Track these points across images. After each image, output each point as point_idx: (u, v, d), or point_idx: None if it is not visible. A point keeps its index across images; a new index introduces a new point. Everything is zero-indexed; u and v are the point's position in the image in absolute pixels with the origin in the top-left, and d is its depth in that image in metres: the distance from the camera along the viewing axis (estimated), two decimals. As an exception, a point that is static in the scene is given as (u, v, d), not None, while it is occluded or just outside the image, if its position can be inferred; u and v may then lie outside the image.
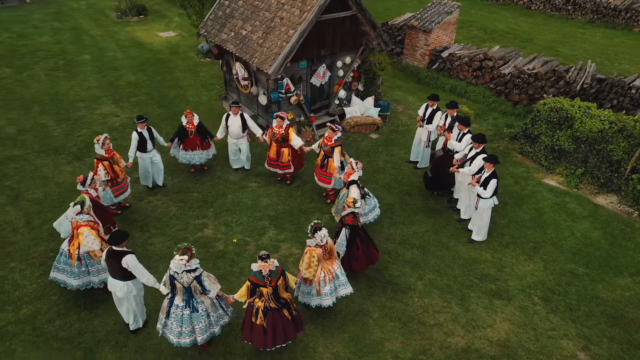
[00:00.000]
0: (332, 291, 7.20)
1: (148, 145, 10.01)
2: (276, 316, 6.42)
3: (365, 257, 7.98)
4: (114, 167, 9.18)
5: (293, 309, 6.68)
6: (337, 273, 7.24)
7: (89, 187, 8.20)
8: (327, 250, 7.07)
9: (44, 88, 15.61)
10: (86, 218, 7.42)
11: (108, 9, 24.69)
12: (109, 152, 9.14)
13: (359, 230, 7.96)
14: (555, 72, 13.72)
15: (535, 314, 7.83)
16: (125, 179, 9.62)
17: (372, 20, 12.19)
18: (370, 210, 9.04)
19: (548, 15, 24.76)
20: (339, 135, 9.59)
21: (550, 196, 10.73)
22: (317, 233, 6.88)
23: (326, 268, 7.11)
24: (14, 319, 7.50)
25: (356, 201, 7.83)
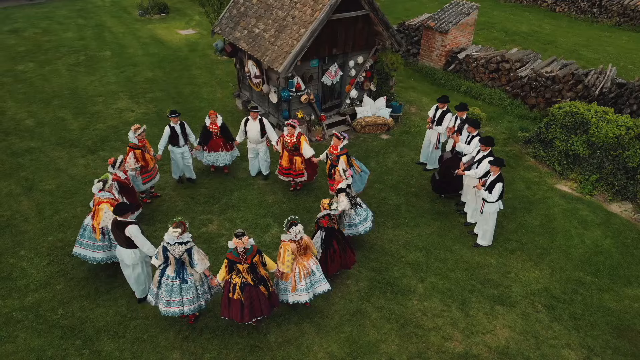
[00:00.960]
0: (309, 287, 7.20)
1: (180, 140, 10.09)
2: (253, 292, 6.69)
3: (340, 259, 7.90)
4: (145, 155, 9.48)
5: (270, 286, 6.94)
6: (313, 269, 7.25)
7: (117, 170, 8.56)
8: (302, 246, 7.11)
9: (65, 82, 16.00)
10: (107, 195, 7.78)
11: (131, 6, 25.15)
12: (141, 141, 9.44)
13: (335, 232, 7.84)
14: (574, 75, 13.37)
15: (538, 321, 7.64)
16: (154, 167, 9.89)
17: (384, 20, 12.10)
18: (361, 221, 8.65)
19: (573, 18, 24.17)
20: (345, 143, 9.27)
21: (562, 202, 10.46)
22: (292, 228, 6.96)
23: (301, 264, 7.15)
24: (19, 306, 7.70)
25: (332, 203, 7.72)
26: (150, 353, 6.99)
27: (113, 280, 8.24)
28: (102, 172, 11.27)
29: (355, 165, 9.45)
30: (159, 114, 14.12)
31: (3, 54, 18.13)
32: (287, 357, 7.00)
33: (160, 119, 13.76)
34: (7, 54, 18.21)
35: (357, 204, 8.61)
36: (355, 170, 9.40)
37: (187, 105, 14.68)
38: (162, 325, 7.43)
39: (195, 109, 14.52)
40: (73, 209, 9.99)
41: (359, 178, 9.51)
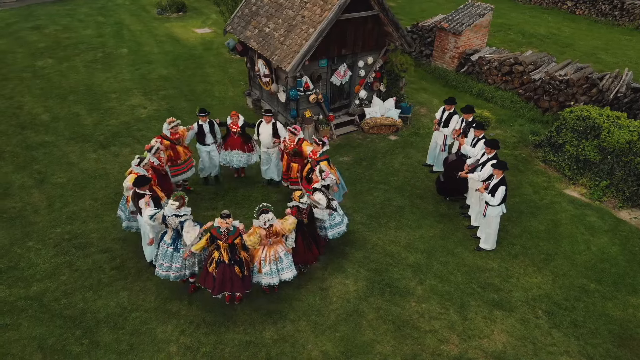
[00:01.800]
0: (274, 272, 7.50)
1: (207, 139, 10.15)
2: (226, 270, 7.18)
3: (302, 254, 7.93)
4: (176, 148, 9.70)
5: (245, 269, 7.33)
6: (281, 256, 7.51)
7: (152, 156, 8.94)
8: (272, 233, 7.34)
9: (81, 79, 16.35)
10: (142, 171, 8.31)
11: (150, 5, 25.54)
12: (174, 134, 9.67)
13: (302, 225, 7.86)
14: (588, 79, 13.12)
15: (537, 327, 7.54)
16: (186, 162, 10.02)
17: (394, 21, 12.06)
18: (331, 226, 8.46)
19: (593, 21, 23.68)
20: (326, 149, 9.12)
21: (570, 208, 10.28)
22: (262, 215, 7.24)
23: (270, 249, 7.45)
24: (24, 295, 7.92)
25: (303, 195, 7.79)
26: (148, 345, 7.12)
27: (116, 272, 8.41)
28: (112, 166, 11.53)
29: (336, 176, 9.11)
30: (170, 111, 14.32)
31: (24, 50, 18.62)
32: (282, 354, 7.04)
33: (171, 116, 13.92)
34: (27, 50, 18.69)
35: (334, 209, 8.44)
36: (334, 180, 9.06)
37: (198, 103, 14.85)
38: (160, 318, 7.56)
39: (206, 106, 14.57)
40: (82, 202, 10.22)
41: (339, 190, 9.33)
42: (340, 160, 11.93)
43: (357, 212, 10.12)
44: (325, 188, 8.34)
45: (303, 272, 8.33)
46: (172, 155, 9.67)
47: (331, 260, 8.78)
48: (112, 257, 8.76)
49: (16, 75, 16.40)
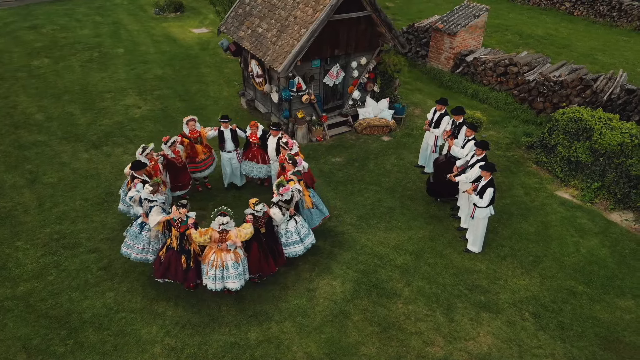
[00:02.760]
0: (219, 278, 7.43)
1: (227, 145, 10.04)
2: (172, 256, 7.50)
3: (257, 263, 7.76)
4: (194, 146, 9.85)
5: (192, 261, 7.49)
6: (228, 264, 7.40)
7: (167, 148, 9.32)
8: (225, 239, 7.30)
9: (76, 78, 16.36)
10: (144, 160, 8.75)
11: (148, 4, 25.55)
12: (193, 132, 9.79)
13: (259, 234, 7.74)
14: (582, 80, 13.08)
15: (523, 329, 7.51)
16: (205, 161, 10.11)
17: (387, 21, 12.04)
18: (286, 244, 8.21)
19: (591, 22, 23.65)
20: (298, 169, 8.69)
21: (561, 210, 10.25)
22: (217, 218, 7.20)
23: (220, 254, 7.40)
24: (11, 295, 7.92)
25: (258, 203, 7.61)
26: (132, 346, 7.11)
27: (103, 273, 8.41)
28: (104, 166, 11.53)
29: (308, 200, 8.69)
30: (164, 111, 14.33)
31: (20, 50, 18.64)
32: (266, 355, 7.03)
33: (164, 116, 13.98)
34: (24, 49, 18.71)
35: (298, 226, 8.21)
36: (303, 204, 8.65)
37: (193, 104, 14.86)
38: (146, 319, 7.55)
39: (200, 107, 14.68)
40: (72, 202, 10.22)
41: (308, 214, 8.76)
42: (333, 160, 11.92)
43: (347, 213, 10.10)
44: (285, 203, 7.99)
45: (257, 282, 8.16)
46: (191, 153, 9.83)
47: (319, 262, 8.76)
48: (99, 257, 8.76)
49: (12, 75, 16.43)
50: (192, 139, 9.80)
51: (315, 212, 8.88)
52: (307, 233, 8.46)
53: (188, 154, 9.85)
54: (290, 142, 9.15)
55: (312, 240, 8.52)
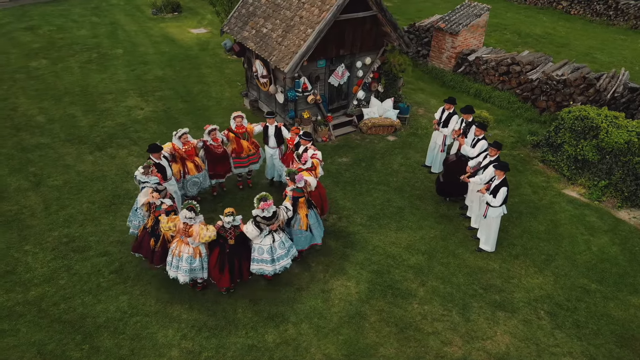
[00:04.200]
0: (175, 266, 7.59)
1: (270, 141, 10.10)
2: (145, 236, 7.97)
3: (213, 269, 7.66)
4: (240, 141, 9.91)
5: (159, 245, 7.83)
6: (183, 256, 7.53)
7: (207, 136, 9.56)
8: (187, 231, 7.38)
9: (76, 80, 16.19)
10: (178, 142, 9.24)
11: (144, 5, 25.35)
12: (239, 128, 9.86)
13: (225, 243, 7.57)
14: (585, 79, 13.17)
15: (540, 328, 7.54)
16: (250, 157, 10.14)
17: (392, 21, 12.04)
18: (256, 259, 7.75)
19: (588, 21, 23.83)
20: (297, 186, 8.21)
21: (570, 208, 10.31)
22: (183, 210, 7.34)
23: (180, 244, 7.57)
24: (22, 300, 7.81)
25: (230, 214, 7.41)
26: (149, 350, 7.04)
27: (115, 276, 8.32)
28: (109, 168, 11.42)
29: (304, 222, 8.25)
30: (166, 112, 14.22)
31: (18, 51, 18.41)
32: (285, 358, 6.99)
33: (167, 117, 13.87)
34: (21, 50, 18.49)
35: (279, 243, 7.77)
36: (299, 223, 8.25)
37: (195, 104, 14.76)
38: (161, 323, 7.48)
39: (203, 107, 14.60)
40: (79, 204, 10.10)
41: (300, 237, 8.29)
42: (339, 161, 11.89)
43: (357, 213, 10.08)
44: (264, 219, 7.55)
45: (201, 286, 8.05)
46: (237, 148, 9.93)
47: (332, 262, 8.73)
48: (110, 260, 8.66)
49: (10, 77, 16.22)
50: (239, 134, 9.85)
51: (306, 235, 8.32)
52: (283, 255, 7.82)
53: (234, 149, 9.94)
54: (305, 156, 8.66)
55: (286, 264, 7.86)
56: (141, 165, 8.29)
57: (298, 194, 8.16)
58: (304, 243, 8.35)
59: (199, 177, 9.66)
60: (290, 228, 8.31)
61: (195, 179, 9.61)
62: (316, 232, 8.51)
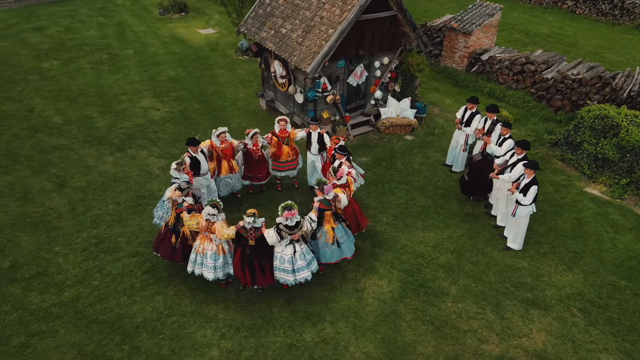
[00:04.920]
0: (199, 264, 7.74)
1: (312, 148, 10.02)
2: (167, 233, 8.08)
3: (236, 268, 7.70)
4: (281, 146, 9.95)
5: (178, 242, 7.97)
6: (207, 253, 7.66)
7: (249, 139, 9.69)
8: (209, 228, 7.52)
9: (90, 81, 16.16)
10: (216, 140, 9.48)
11: (151, 5, 25.31)
12: (282, 131, 9.89)
13: (246, 243, 7.56)
14: (601, 78, 13.27)
15: (574, 325, 7.61)
16: (288, 163, 10.16)
17: (412, 21, 12.10)
18: (277, 268, 7.71)
19: (593, 20, 23.97)
20: (330, 197, 7.97)
21: (592, 206, 10.40)
22: (207, 207, 7.48)
23: (203, 241, 7.69)
24: (57, 301, 7.81)
25: (250, 215, 7.34)
26: (189, 350, 7.06)
27: (148, 277, 8.34)
28: (131, 169, 11.42)
29: (330, 234, 8.05)
30: (182, 113, 14.22)
31: (28, 52, 18.35)
32: (325, 356, 7.03)
33: (184, 118, 13.87)
34: (31, 51, 18.42)
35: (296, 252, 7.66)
36: (326, 236, 8.07)
37: (210, 105, 14.77)
38: (199, 323, 7.50)
39: (219, 108, 14.60)
40: (105, 205, 10.10)
41: (327, 250, 8.11)
42: (360, 160, 11.93)
43: (382, 212, 10.13)
44: (287, 228, 7.47)
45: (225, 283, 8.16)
46: (277, 152, 9.98)
47: (362, 262, 8.77)
48: (141, 261, 8.67)
49: (22, 78, 16.17)
50: (281, 138, 9.85)
51: (333, 249, 8.11)
52: (304, 266, 7.70)
53: (274, 152, 9.97)
54: (342, 171, 8.42)
55: (306, 276, 7.74)
56: (175, 161, 8.43)
57: (325, 206, 7.97)
58: (330, 257, 8.13)
59: (232, 179, 9.78)
60: (316, 241, 8.10)
61: (228, 180, 9.69)
62: (345, 246, 8.23)
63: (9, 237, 9.17)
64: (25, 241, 9.08)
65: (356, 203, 9.02)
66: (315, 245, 8.13)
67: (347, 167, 8.66)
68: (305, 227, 7.73)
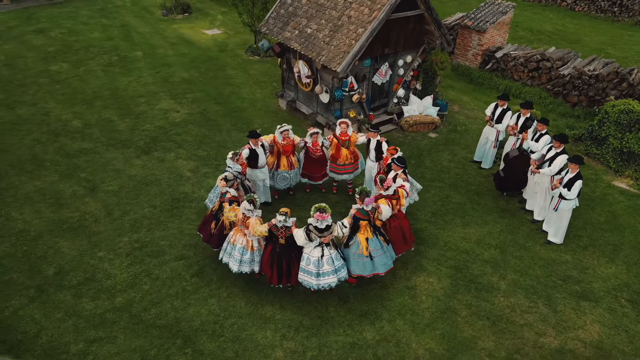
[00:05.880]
0: (228, 253, 7.91)
1: (370, 155, 9.80)
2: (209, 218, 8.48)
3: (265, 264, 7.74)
4: (340, 149, 9.92)
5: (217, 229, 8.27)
6: (237, 245, 7.79)
7: (309, 136, 9.78)
8: (245, 222, 7.65)
9: (103, 83, 15.94)
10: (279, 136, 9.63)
11: (153, 6, 25.02)
12: (343, 134, 9.84)
13: (277, 241, 7.61)
14: (618, 74, 13.54)
15: (625, 316, 7.78)
16: (345, 166, 10.06)
17: (438, 20, 12.20)
18: (303, 269, 7.53)
19: (593, 17, 24.43)
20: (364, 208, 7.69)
21: (623, 199, 10.62)
22: (244, 202, 7.60)
23: (236, 233, 7.88)
24: (111, 307, 7.71)
25: (282, 214, 7.34)
26: (253, 352, 7.04)
27: (198, 280, 8.28)
28: (161, 172, 11.32)
29: (363, 246, 7.72)
30: (203, 114, 14.12)
31: (34, 55, 18.01)
32: (388, 354, 7.07)
33: (205, 119, 13.77)
34: (37, 54, 18.09)
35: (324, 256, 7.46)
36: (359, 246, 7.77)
37: (229, 106, 14.69)
38: (257, 324, 7.48)
39: (238, 109, 14.54)
40: (141, 209, 9.99)
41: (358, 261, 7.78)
42: (389, 159, 11.99)
43: (419, 210, 10.20)
44: (317, 230, 7.31)
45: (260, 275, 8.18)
46: (335, 154, 9.98)
47: (409, 259, 8.83)
48: (188, 264, 8.61)
49: (33, 81, 15.87)
50: (341, 140, 9.81)
51: (365, 261, 7.75)
52: (330, 272, 7.46)
53: (332, 154, 9.99)
54: (389, 181, 8.16)
55: (331, 282, 7.49)
56: (232, 151, 8.92)
57: (362, 215, 7.69)
58: (362, 269, 7.77)
59: (290, 174, 9.89)
60: (348, 250, 7.86)
61: (286, 174, 9.84)
62: (379, 261, 7.81)
63: (49, 244, 9.01)
64: (66, 247, 8.94)
65: (406, 218, 8.61)
66: (347, 254, 7.87)
67: (402, 180, 8.38)
68: (336, 232, 7.57)
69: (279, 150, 9.71)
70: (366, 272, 7.80)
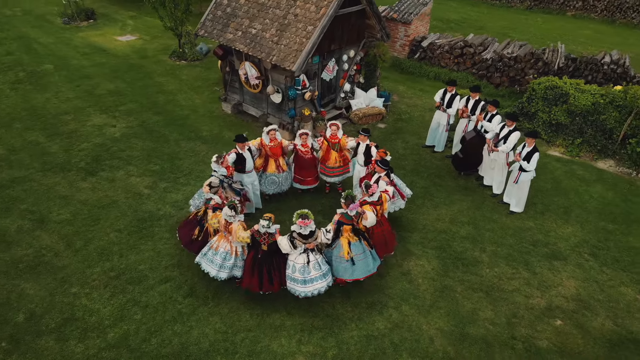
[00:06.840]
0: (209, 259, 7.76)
1: (359, 158, 9.57)
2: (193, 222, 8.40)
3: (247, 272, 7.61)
4: (330, 151, 9.85)
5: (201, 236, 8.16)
6: (220, 251, 7.68)
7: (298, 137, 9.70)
8: (227, 227, 7.55)
9: (15, 103, 14.29)
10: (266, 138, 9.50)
11: (49, 14, 22.80)
12: (333, 137, 9.76)
13: (259, 248, 7.51)
14: (534, 54, 15.00)
15: (591, 269, 8.74)
16: (335, 169, 9.97)
17: (378, 13, 12.59)
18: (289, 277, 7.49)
19: (489, 4, 26.69)
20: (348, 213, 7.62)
21: (559, 165, 11.84)
22: (226, 208, 7.52)
23: (220, 239, 7.76)
24: (104, 345, 7.04)
25: (265, 219, 7.28)
26: (273, 363, 6.86)
27: (192, 300, 7.84)
28: (115, 193, 10.48)
29: (345, 249, 7.62)
30: (143, 126, 13.26)
31: None
32: (404, 340, 7.28)
33: (147, 132, 12.95)
34: None
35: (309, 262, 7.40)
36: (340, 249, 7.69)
37: (170, 115, 13.95)
38: (269, 334, 7.29)
39: (180, 117, 13.86)
40: (105, 235, 9.19)
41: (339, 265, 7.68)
42: (347, 152, 12.20)
43: (389, 198, 10.52)
44: (301, 236, 7.29)
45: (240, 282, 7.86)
46: (324, 156, 9.93)
47: (397, 247, 9.09)
48: (177, 285, 8.11)
49: None
50: (331, 143, 9.74)
51: (345, 265, 7.63)
52: (318, 277, 7.40)
53: (322, 156, 9.86)
54: (375, 188, 8.01)
55: (320, 288, 7.43)
56: (216, 154, 8.62)
57: (345, 220, 7.61)
58: (343, 273, 7.64)
59: (279, 178, 9.62)
60: (330, 251, 7.80)
61: (274, 178, 9.59)
62: (359, 266, 7.65)
63: (8, 288, 7.97)
64: (30, 288, 7.97)
65: (387, 223, 8.53)
66: (329, 256, 7.80)
67: (385, 183, 8.38)
68: (320, 239, 7.50)
69: (267, 153, 9.49)
70: (346, 276, 7.68)
